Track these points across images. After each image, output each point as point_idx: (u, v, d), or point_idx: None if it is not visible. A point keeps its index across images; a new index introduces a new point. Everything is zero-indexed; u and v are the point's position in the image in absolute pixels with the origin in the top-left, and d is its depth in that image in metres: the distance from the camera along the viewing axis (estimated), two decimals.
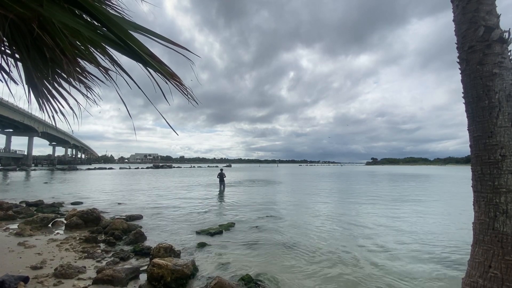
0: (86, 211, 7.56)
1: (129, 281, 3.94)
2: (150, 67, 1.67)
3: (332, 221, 8.39)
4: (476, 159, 2.51)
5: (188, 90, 1.83)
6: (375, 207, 11.05)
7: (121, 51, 1.60)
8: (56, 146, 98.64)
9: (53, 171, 52.04)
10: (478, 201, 2.50)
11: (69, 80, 2.33)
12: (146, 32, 1.64)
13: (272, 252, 5.43)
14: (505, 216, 2.28)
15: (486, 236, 2.38)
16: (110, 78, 2.29)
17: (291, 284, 4.01)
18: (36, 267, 4.25)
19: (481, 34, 2.49)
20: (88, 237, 5.97)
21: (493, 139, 2.38)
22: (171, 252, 4.78)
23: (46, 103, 2.45)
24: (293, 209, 10.74)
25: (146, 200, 13.07)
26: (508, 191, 2.28)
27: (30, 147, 70.36)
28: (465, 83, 2.63)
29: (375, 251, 5.51)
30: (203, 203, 12.00)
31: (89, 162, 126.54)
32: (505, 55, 2.47)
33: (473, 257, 2.50)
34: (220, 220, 8.43)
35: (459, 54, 2.72)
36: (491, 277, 2.28)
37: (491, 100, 2.41)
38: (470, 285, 2.44)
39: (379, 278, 4.25)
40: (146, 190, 18.06)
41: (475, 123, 2.53)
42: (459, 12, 2.68)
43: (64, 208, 10.40)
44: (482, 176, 2.44)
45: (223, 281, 3.39)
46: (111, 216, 8.90)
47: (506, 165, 2.31)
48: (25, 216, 8.32)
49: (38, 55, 2.01)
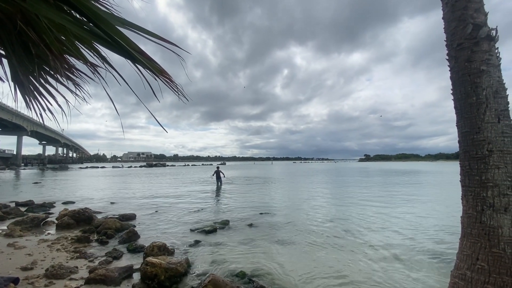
0: (78, 211, 7.45)
1: (122, 280, 3.91)
2: (139, 64, 1.65)
3: (326, 217, 8.47)
4: (464, 154, 2.56)
5: (178, 87, 1.81)
6: (369, 203, 11.20)
7: (109, 47, 1.57)
8: (46, 145, 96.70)
9: (43, 170, 51.04)
10: (466, 195, 2.56)
11: (56, 76, 2.28)
12: (134, 28, 1.62)
13: (266, 249, 5.46)
14: (492, 210, 2.34)
15: (474, 229, 2.44)
16: (99, 75, 2.25)
17: (286, 280, 4.05)
18: (26, 268, 4.18)
19: (469, 32, 2.53)
20: (80, 237, 5.89)
21: (481, 134, 2.43)
22: (164, 250, 4.76)
23: (33, 100, 2.38)
24: (288, 205, 10.80)
25: (139, 199, 12.95)
26: (494, 185, 2.34)
27: (19, 146, 68.87)
28: (454, 80, 2.68)
29: (370, 246, 5.59)
30: (197, 201, 11.96)
31: (81, 161, 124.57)
32: (493, 52, 2.52)
33: (461, 250, 2.56)
34: (214, 217, 8.42)
35: (448, 52, 2.76)
36: (479, 269, 2.34)
37: (479, 97, 2.46)
38: (458, 277, 2.50)
39: (374, 272, 4.32)
40: (139, 189, 17.89)
41: (463, 119, 2.58)
42: (448, 10, 2.72)
43: (55, 208, 10.22)
44: (470, 171, 2.50)
45: (217, 278, 3.39)
46: (104, 215, 8.80)
47: (493, 160, 2.37)
48: (15, 216, 8.15)
49: (23, 51, 1.96)
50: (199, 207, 10.37)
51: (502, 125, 2.40)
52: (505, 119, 2.43)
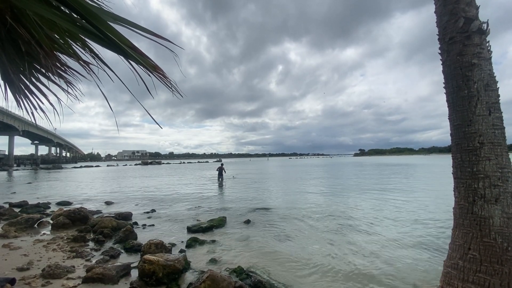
0: (73, 210, 7.39)
1: (120, 278, 3.91)
2: (132, 60, 1.63)
3: (323, 212, 8.56)
4: (456, 147, 2.61)
5: (172, 83, 1.80)
6: (364, 196, 11.33)
7: (101, 43, 1.55)
8: (39, 145, 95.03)
9: (36, 170, 50.36)
10: (458, 187, 2.61)
11: (48, 75, 2.24)
12: (127, 23, 1.59)
13: (263, 245, 5.50)
14: (483, 201, 2.40)
15: (466, 220, 2.50)
16: (92, 72, 2.22)
17: (283, 275, 4.09)
18: (22, 269, 4.14)
19: (461, 25, 2.56)
20: (76, 237, 5.85)
21: (472, 127, 2.48)
22: (162, 248, 4.75)
23: (24, 99, 2.34)
24: (284, 201, 10.87)
25: (135, 197, 12.89)
26: (485, 177, 2.39)
27: (11, 146, 67.59)
28: (446, 74, 2.71)
29: (366, 241, 5.67)
30: (194, 199, 11.95)
31: (74, 161, 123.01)
32: (484, 46, 2.56)
33: (454, 240, 2.62)
34: (211, 215, 8.43)
35: (441, 45, 2.79)
36: (470, 259, 2.40)
37: (470, 90, 2.50)
38: (451, 267, 2.56)
39: (370, 266, 4.40)
40: (135, 187, 17.79)
41: (455, 112, 2.62)
42: (440, 4, 2.74)
43: (50, 209, 10.12)
44: (462, 163, 2.54)
45: (215, 274, 3.41)
46: (100, 214, 8.74)
47: (484, 152, 2.42)
48: (9, 217, 8.04)
49: (13, 48, 1.92)
50: (196, 205, 10.37)
51: (493, 117, 2.45)
52: (496, 111, 2.47)
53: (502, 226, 2.32)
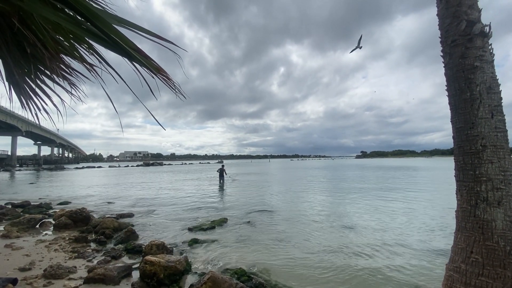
0: (75, 211, 7.41)
1: (121, 279, 3.92)
2: (136, 62, 1.64)
3: (324, 213, 8.54)
4: (459, 149, 2.60)
5: (175, 85, 1.81)
6: (366, 198, 11.29)
7: (106, 45, 1.57)
8: (42, 146, 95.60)
9: (39, 171, 50.57)
10: (460, 190, 2.60)
11: (52, 76, 2.26)
12: (130, 25, 1.61)
13: (264, 246, 5.50)
14: (485, 204, 2.38)
15: (468, 223, 2.48)
16: (96, 74, 2.24)
17: (284, 276, 4.09)
18: (24, 269, 4.16)
19: (463, 28, 2.56)
20: (77, 237, 5.88)
21: (475, 130, 2.47)
22: (163, 249, 4.76)
23: (28, 100, 2.37)
24: (285, 202, 10.85)
25: (137, 198, 12.91)
26: (488, 180, 2.38)
27: (14, 146, 68.06)
28: (448, 76, 2.71)
29: (367, 243, 5.65)
30: (195, 200, 11.96)
31: (76, 161, 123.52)
32: (486, 48, 2.55)
33: (456, 243, 2.61)
34: (212, 215, 8.43)
35: (443, 48, 2.78)
36: (473, 262, 2.39)
37: (473, 93, 2.50)
38: (453, 270, 2.55)
39: (370, 267, 4.38)
40: (136, 188, 17.83)
41: (457, 114, 2.61)
42: (442, 7, 2.74)
43: (52, 209, 10.16)
44: (464, 166, 2.53)
45: (216, 275, 3.41)
46: (101, 215, 8.77)
47: (487, 155, 2.41)
48: (11, 217, 8.08)
49: (18, 50, 1.94)
50: (197, 206, 10.38)
51: (495, 120, 2.44)
52: (498, 114, 2.47)
53: (504, 229, 2.30)
